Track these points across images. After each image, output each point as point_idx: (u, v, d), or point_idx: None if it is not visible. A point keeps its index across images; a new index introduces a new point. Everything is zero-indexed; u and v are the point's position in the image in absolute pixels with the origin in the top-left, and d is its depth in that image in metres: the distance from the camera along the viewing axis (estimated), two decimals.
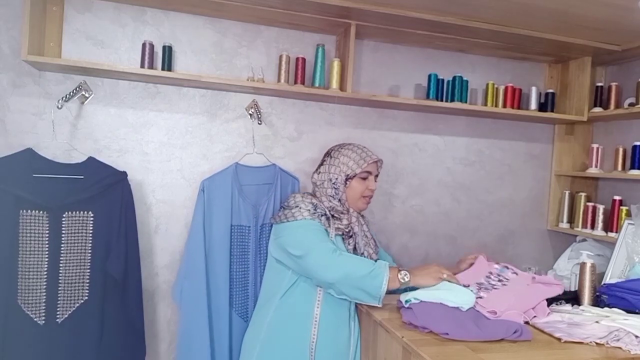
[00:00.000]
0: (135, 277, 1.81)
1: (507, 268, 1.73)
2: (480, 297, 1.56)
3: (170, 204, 2.01)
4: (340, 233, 1.68)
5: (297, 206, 1.67)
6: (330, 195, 1.73)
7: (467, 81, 2.22)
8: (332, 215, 1.69)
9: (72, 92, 1.80)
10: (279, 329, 1.63)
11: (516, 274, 1.71)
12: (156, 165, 2.00)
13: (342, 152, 1.77)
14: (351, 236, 1.71)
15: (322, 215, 1.66)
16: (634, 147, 2.15)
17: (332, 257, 1.53)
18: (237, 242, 1.90)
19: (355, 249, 1.71)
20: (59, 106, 1.78)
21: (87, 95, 1.88)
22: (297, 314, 1.63)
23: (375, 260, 1.63)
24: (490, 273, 1.71)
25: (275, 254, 1.71)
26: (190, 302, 1.83)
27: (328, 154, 1.82)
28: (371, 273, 1.50)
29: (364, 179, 1.75)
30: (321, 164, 1.81)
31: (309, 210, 1.65)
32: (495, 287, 1.64)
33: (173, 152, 2.02)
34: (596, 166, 2.36)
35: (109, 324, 1.75)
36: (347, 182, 1.73)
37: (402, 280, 1.53)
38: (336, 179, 1.73)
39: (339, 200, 1.73)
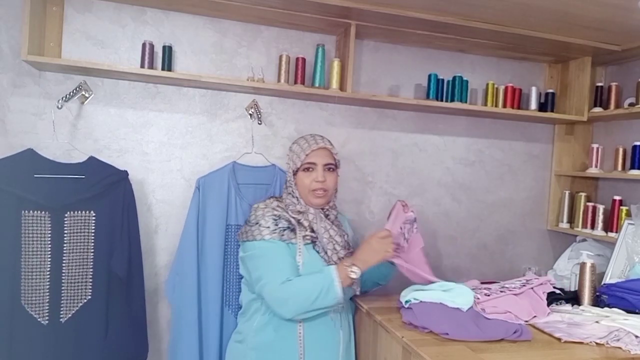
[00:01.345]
0: (138, 275, 1.82)
1: (415, 223, 1.73)
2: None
3: (170, 204, 2.01)
4: (309, 240, 1.59)
5: (257, 223, 1.58)
6: (289, 193, 1.67)
7: (467, 81, 2.22)
8: (299, 222, 1.61)
9: (72, 92, 1.80)
10: (264, 351, 1.57)
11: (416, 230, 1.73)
12: (156, 165, 2.00)
13: (292, 146, 1.71)
14: (316, 241, 1.61)
15: (284, 230, 1.56)
16: (634, 147, 2.15)
17: (281, 291, 1.47)
18: (233, 241, 1.90)
19: (326, 253, 1.61)
20: (59, 106, 1.78)
21: (87, 95, 1.88)
22: (280, 338, 1.55)
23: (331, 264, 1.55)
24: (404, 223, 1.70)
25: (242, 272, 1.67)
26: (181, 298, 1.85)
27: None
28: (322, 292, 1.45)
29: (308, 170, 1.63)
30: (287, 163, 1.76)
31: (269, 227, 1.55)
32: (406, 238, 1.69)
33: (173, 152, 2.02)
34: (596, 166, 2.36)
35: (112, 322, 1.76)
36: (295, 177, 1.65)
37: (353, 276, 1.48)
38: (289, 175, 1.68)
39: (296, 197, 1.66)
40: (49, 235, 1.68)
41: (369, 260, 1.51)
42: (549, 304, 1.64)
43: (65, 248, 1.70)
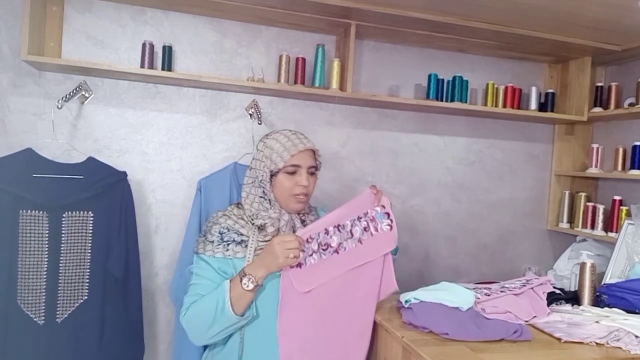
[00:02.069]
0: (135, 277, 1.82)
1: (387, 218, 1.45)
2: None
3: (170, 204, 2.01)
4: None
5: (204, 235, 1.42)
6: (260, 197, 1.44)
7: (467, 81, 2.22)
8: (259, 227, 1.42)
9: (72, 92, 1.80)
10: None
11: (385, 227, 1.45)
12: (156, 165, 2.00)
13: (267, 142, 1.46)
14: None
15: (229, 244, 1.38)
16: (634, 147, 2.15)
17: (184, 317, 1.33)
18: None
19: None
20: (59, 106, 1.78)
21: (87, 95, 1.88)
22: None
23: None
24: (365, 214, 1.45)
25: None
26: (177, 299, 1.84)
27: (256, 146, 1.54)
28: (217, 312, 1.28)
29: (292, 173, 1.42)
30: (253, 159, 1.51)
31: (212, 242, 1.38)
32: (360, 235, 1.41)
33: (173, 152, 2.02)
34: (596, 166, 2.36)
35: (108, 323, 1.76)
36: (273, 179, 1.43)
37: (248, 288, 1.28)
38: (262, 176, 1.43)
39: (269, 201, 1.44)
40: (47, 235, 1.68)
41: (268, 266, 1.30)
42: (549, 304, 1.63)
43: (62, 248, 1.70)
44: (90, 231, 1.74)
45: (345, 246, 1.43)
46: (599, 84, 2.37)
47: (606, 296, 1.71)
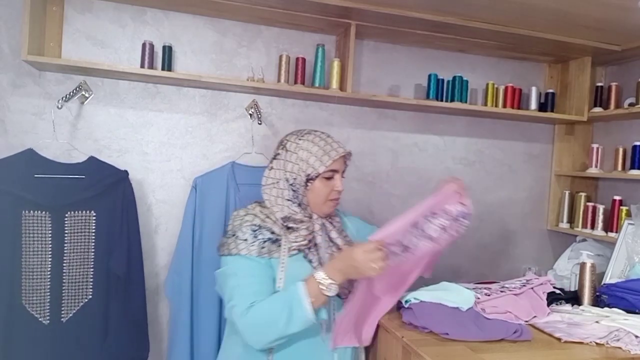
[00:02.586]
0: (138, 275, 1.82)
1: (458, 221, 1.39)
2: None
3: (170, 204, 2.01)
4: (296, 251, 1.36)
5: (234, 234, 1.34)
6: (288, 199, 1.38)
7: (467, 81, 2.22)
8: (288, 227, 1.37)
9: (72, 92, 1.80)
10: None
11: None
12: (156, 165, 2.00)
13: (302, 144, 1.39)
14: (312, 249, 1.39)
15: (264, 242, 1.32)
16: (634, 147, 2.15)
17: (246, 317, 1.23)
18: None
19: (320, 263, 1.38)
20: (59, 106, 1.78)
21: (87, 95, 1.88)
22: None
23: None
24: (444, 211, 1.39)
25: (217, 289, 1.41)
26: (177, 297, 1.86)
27: (282, 145, 1.44)
28: (289, 315, 1.21)
29: (329, 178, 1.39)
30: (274, 158, 1.44)
31: (246, 240, 1.32)
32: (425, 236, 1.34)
33: (173, 152, 2.02)
34: (596, 166, 2.36)
35: (113, 321, 1.76)
36: (309, 184, 1.38)
37: (330, 293, 1.23)
38: (294, 179, 1.37)
39: (299, 204, 1.39)
40: (50, 235, 1.69)
41: (347, 275, 1.25)
42: (549, 304, 1.63)
43: (65, 248, 1.70)
44: (93, 231, 1.74)
45: (420, 246, 1.35)
46: (599, 84, 2.37)
47: (606, 296, 1.71)
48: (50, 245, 1.69)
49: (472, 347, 1.30)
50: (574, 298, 1.76)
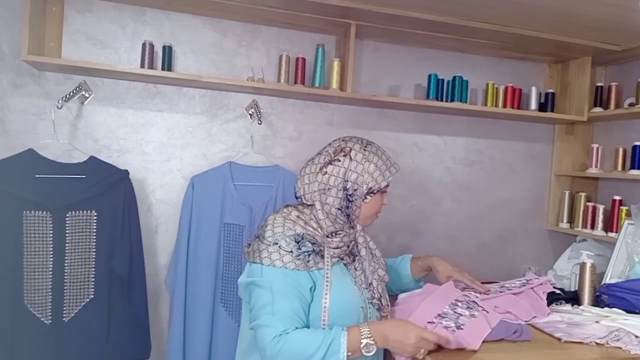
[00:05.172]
0: (140, 274, 1.83)
1: (473, 300, 1.49)
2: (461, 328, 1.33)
3: (170, 204, 2.01)
4: (337, 259, 1.32)
5: (275, 243, 1.25)
6: (338, 208, 1.32)
7: (467, 81, 2.22)
8: (327, 235, 1.32)
9: (72, 92, 1.80)
10: None
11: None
12: (156, 165, 2.00)
13: (367, 155, 1.35)
14: (355, 258, 1.36)
15: (309, 255, 1.25)
16: (634, 147, 2.15)
17: (273, 347, 1.15)
18: (228, 240, 1.91)
19: (364, 275, 1.36)
20: (59, 106, 1.78)
21: (87, 95, 1.88)
22: None
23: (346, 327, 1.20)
24: (457, 301, 1.48)
25: (241, 295, 1.34)
26: (174, 293, 1.88)
27: (344, 152, 1.36)
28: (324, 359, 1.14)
29: (383, 193, 1.40)
30: (330, 162, 1.34)
31: (291, 252, 1.24)
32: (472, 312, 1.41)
33: (173, 152, 2.02)
34: (596, 166, 2.36)
35: (115, 321, 1.77)
36: (367, 197, 1.34)
37: (369, 352, 1.17)
38: (355, 190, 1.31)
39: (348, 215, 1.33)
40: (51, 235, 1.69)
41: (392, 346, 1.20)
42: (549, 304, 1.63)
43: (67, 248, 1.71)
44: (94, 230, 1.75)
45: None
46: (599, 84, 2.37)
47: (606, 296, 1.71)
48: (51, 245, 1.69)
49: None
50: (574, 298, 1.76)
